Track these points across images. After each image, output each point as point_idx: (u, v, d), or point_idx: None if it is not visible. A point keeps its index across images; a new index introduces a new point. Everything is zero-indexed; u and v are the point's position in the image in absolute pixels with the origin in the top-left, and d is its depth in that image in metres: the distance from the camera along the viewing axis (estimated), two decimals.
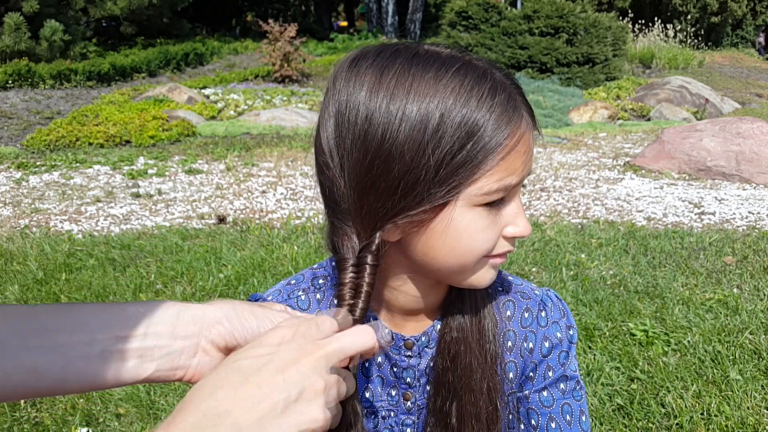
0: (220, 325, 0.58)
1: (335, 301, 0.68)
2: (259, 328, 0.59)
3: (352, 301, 0.66)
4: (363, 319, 0.67)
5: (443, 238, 0.64)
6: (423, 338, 0.78)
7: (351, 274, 0.66)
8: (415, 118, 0.60)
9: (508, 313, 0.79)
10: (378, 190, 0.62)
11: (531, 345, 0.78)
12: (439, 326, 0.78)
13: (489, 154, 0.61)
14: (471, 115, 0.60)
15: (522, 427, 0.79)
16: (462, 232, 0.64)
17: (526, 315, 0.79)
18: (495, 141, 0.60)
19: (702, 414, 2.02)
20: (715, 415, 2.00)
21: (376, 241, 0.65)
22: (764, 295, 2.92)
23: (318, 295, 0.80)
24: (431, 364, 0.78)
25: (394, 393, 0.80)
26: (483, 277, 0.68)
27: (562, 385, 0.78)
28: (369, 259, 0.66)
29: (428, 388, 0.79)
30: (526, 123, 0.63)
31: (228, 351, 0.58)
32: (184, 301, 0.60)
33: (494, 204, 0.64)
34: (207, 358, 0.58)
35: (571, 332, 0.80)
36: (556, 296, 0.82)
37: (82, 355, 0.52)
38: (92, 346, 0.53)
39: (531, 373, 0.78)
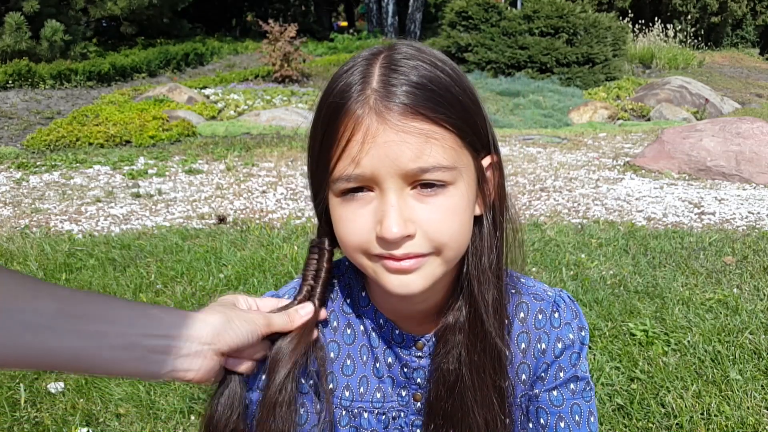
0: (225, 334, 0.64)
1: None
2: (248, 334, 0.67)
3: (312, 283, 0.74)
4: (323, 302, 0.75)
5: (334, 227, 0.68)
6: (434, 339, 0.77)
7: (312, 256, 0.74)
8: (315, 109, 0.66)
9: (522, 314, 0.79)
10: (309, 173, 0.70)
11: (544, 346, 0.78)
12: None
13: (332, 142, 0.62)
14: (324, 104, 0.64)
15: (530, 425, 0.79)
16: (334, 222, 0.67)
17: (540, 316, 0.79)
18: (334, 128, 0.62)
19: (702, 414, 2.02)
20: (715, 415, 2.00)
21: (325, 227, 0.71)
22: (764, 295, 2.92)
23: (331, 294, 0.81)
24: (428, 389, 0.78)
25: (404, 393, 0.79)
26: (386, 280, 0.65)
27: (572, 386, 0.78)
28: (326, 243, 0.73)
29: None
30: (370, 110, 0.60)
31: (223, 355, 0.66)
32: (184, 309, 0.66)
33: (347, 196, 0.63)
34: (210, 362, 0.64)
35: (582, 333, 0.79)
36: (569, 297, 0.81)
37: (113, 344, 0.58)
38: (123, 338, 0.58)
39: (543, 374, 0.78)
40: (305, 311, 0.72)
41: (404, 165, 0.60)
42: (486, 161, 0.69)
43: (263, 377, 0.73)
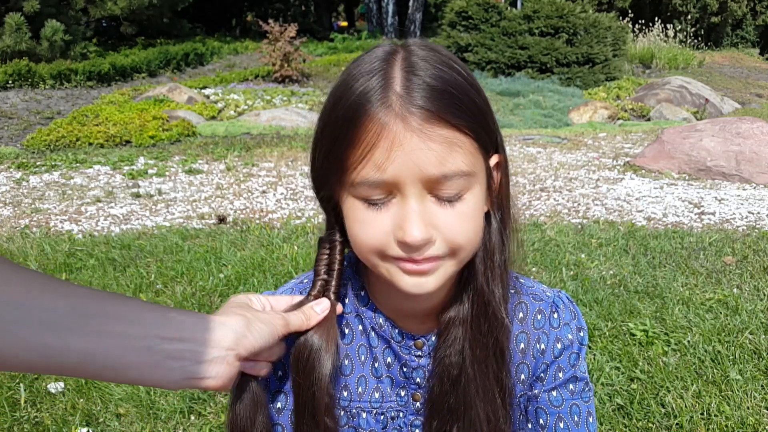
0: (246, 338, 0.62)
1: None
2: (269, 336, 0.65)
3: (326, 277, 0.73)
4: (338, 296, 0.73)
5: (347, 225, 0.67)
6: (433, 338, 0.77)
7: (324, 251, 0.73)
8: (326, 105, 0.65)
9: (521, 315, 0.79)
10: (315, 169, 0.69)
11: (543, 346, 0.78)
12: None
13: (352, 144, 0.61)
14: (340, 103, 0.63)
15: (530, 426, 0.79)
16: (349, 222, 0.66)
17: (539, 317, 0.79)
18: (354, 131, 0.61)
19: (702, 414, 2.02)
20: (715, 415, 2.00)
21: (333, 219, 0.71)
22: (764, 295, 2.92)
23: None
24: (429, 384, 0.77)
25: (403, 393, 0.79)
26: (401, 281, 0.65)
27: (571, 386, 0.78)
28: (337, 236, 0.72)
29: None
30: (395, 116, 0.60)
31: (243, 360, 0.63)
32: (201, 312, 0.63)
33: (369, 200, 0.62)
34: (231, 368, 0.62)
35: (581, 334, 0.80)
36: (568, 298, 0.82)
37: (133, 346, 0.55)
38: (144, 341, 0.56)
39: (542, 374, 0.78)
40: (321, 308, 0.71)
41: (428, 171, 0.60)
42: (493, 160, 0.69)
43: (288, 380, 0.74)
